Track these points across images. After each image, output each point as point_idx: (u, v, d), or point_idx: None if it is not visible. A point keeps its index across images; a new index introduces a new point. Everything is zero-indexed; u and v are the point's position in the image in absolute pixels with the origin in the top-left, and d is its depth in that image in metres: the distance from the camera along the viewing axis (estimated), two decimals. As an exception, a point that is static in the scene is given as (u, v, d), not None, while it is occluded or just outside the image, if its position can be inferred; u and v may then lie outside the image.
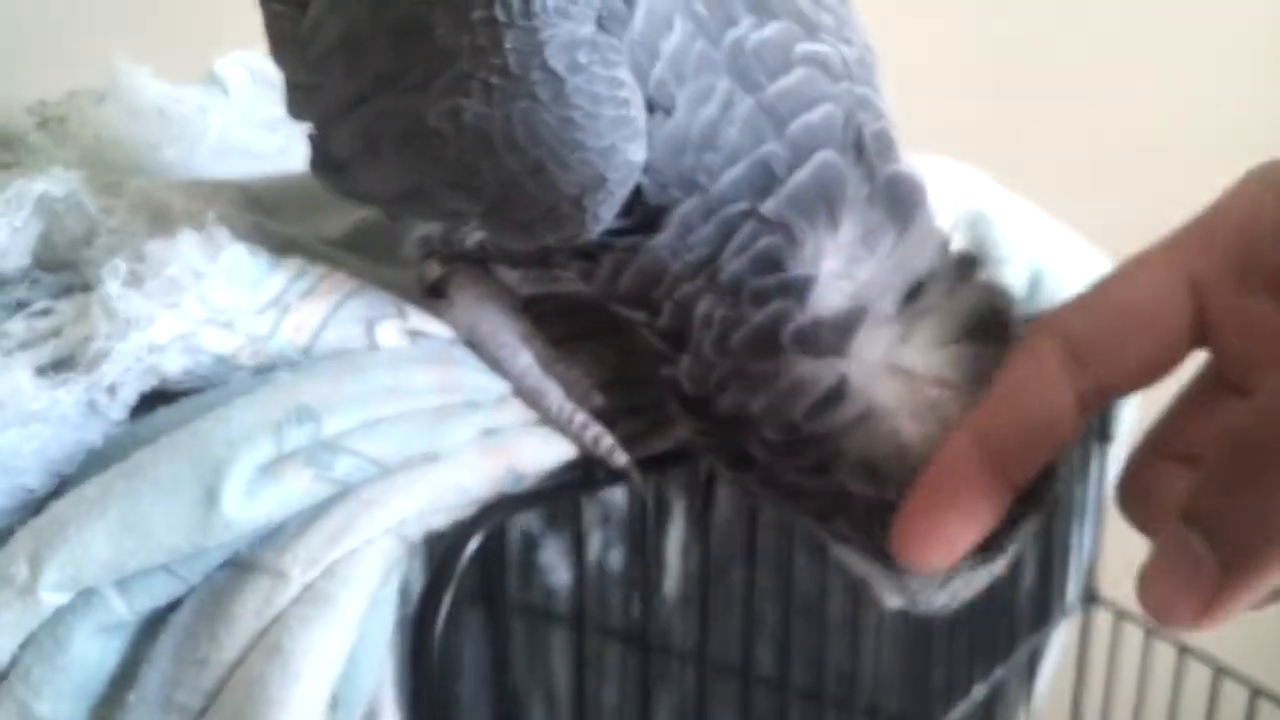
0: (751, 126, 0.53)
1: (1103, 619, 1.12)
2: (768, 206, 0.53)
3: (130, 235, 0.62)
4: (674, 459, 0.61)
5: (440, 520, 0.54)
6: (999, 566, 0.58)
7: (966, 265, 0.55)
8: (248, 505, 0.51)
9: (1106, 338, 0.45)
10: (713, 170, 0.53)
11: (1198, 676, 1.09)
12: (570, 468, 0.58)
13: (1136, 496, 0.48)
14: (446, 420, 0.56)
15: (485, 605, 1.31)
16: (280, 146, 0.97)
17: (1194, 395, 0.48)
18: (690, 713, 1.15)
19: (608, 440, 0.57)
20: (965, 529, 0.46)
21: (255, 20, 0.63)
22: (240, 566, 0.53)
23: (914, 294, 0.54)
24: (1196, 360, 0.48)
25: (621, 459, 0.57)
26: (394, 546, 0.53)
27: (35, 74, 1.04)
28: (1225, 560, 0.37)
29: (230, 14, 0.73)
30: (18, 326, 0.58)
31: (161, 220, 0.63)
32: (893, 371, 0.53)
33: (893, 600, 0.60)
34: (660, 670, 1.26)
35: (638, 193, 0.53)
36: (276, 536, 0.53)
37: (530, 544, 1.29)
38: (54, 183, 0.63)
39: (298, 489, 0.52)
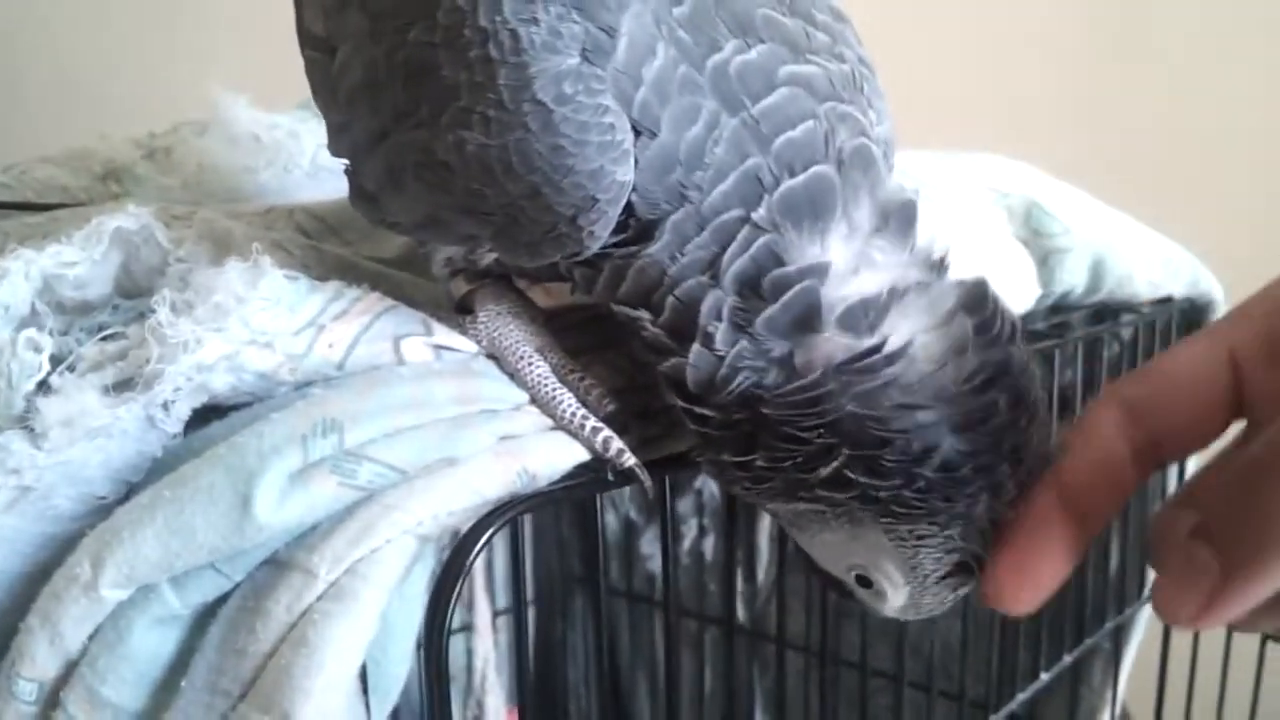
0: (736, 144, 0.57)
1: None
2: (759, 213, 0.57)
3: (196, 264, 0.68)
4: (688, 461, 0.64)
5: (457, 521, 0.59)
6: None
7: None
8: (279, 510, 0.56)
9: (1156, 403, 0.50)
10: (702, 186, 0.57)
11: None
12: (584, 469, 0.62)
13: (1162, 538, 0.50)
14: (464, 429, 0.60)
15: (588, 590, 1.36)
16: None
17: (1222, 461, 0.52)
18: (782, 696, 1.18)
19: (617, 443, 0.61)
20: (1054, 571, 0.52)
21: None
22: (278, 565, 0.58)
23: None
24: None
25: (629, 460, 0.60)
26: (413, 545, 0.58)
27: (145, 108, 1.13)
28: (1226, 562, 0.43)
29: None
30: (92, 350, 0.64)
31: (223, 248, 0.69)
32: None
33: (890, 605, 0.62)
34: (756, 654, 1.29)
35: (630, 209, 0.57)
36: (309, 537, 0.58)
37: (632, 531, 1.33)
38: (128, 217, 0.69)
39: (324, 494, 0.57)
